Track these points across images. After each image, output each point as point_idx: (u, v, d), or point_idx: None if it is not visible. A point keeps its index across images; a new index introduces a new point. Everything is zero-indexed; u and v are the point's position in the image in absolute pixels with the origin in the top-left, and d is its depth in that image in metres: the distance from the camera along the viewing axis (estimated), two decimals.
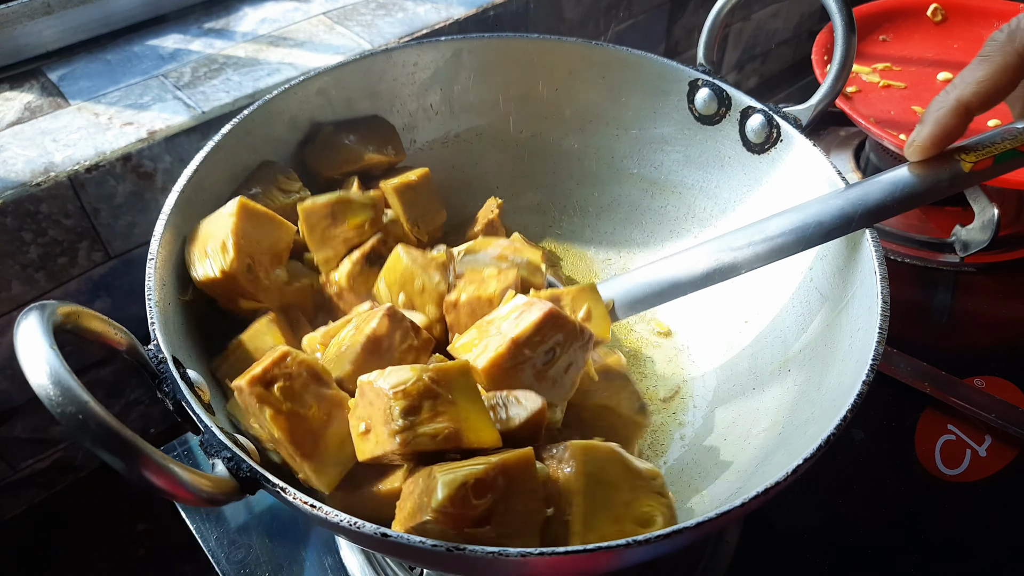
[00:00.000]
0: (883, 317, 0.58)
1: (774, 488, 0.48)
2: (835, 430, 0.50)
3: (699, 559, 0.74)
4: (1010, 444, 0.83)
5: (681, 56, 1.41)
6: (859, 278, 0.64)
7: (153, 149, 0.82)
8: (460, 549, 0.43)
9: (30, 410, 0.86)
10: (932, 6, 1.18)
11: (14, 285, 0.80)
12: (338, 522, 0.44)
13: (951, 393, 0.85)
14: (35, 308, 0.45)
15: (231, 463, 0.47)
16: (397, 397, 0.51)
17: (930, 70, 1.10)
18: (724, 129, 0.80)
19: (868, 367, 0.54)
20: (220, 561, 0.74)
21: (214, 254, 0.62)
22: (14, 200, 0.75)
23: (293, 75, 0.91)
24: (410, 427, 0.51)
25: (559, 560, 0.43)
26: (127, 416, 0.96)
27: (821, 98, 0.73)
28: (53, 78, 0.90)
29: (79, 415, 0.40)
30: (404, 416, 0.50)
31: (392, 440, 0.51)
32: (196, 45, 0.96)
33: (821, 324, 0.68)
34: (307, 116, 0.77)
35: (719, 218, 0.82)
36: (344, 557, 0.74)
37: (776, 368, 0.72)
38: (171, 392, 0.51)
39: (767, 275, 0.77)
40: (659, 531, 0.44)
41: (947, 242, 1.01)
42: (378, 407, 0.52)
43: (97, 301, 0.86)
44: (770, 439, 0.65)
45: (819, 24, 1.64)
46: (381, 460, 0.54)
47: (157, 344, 0.53)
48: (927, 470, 0.82)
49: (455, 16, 1.02)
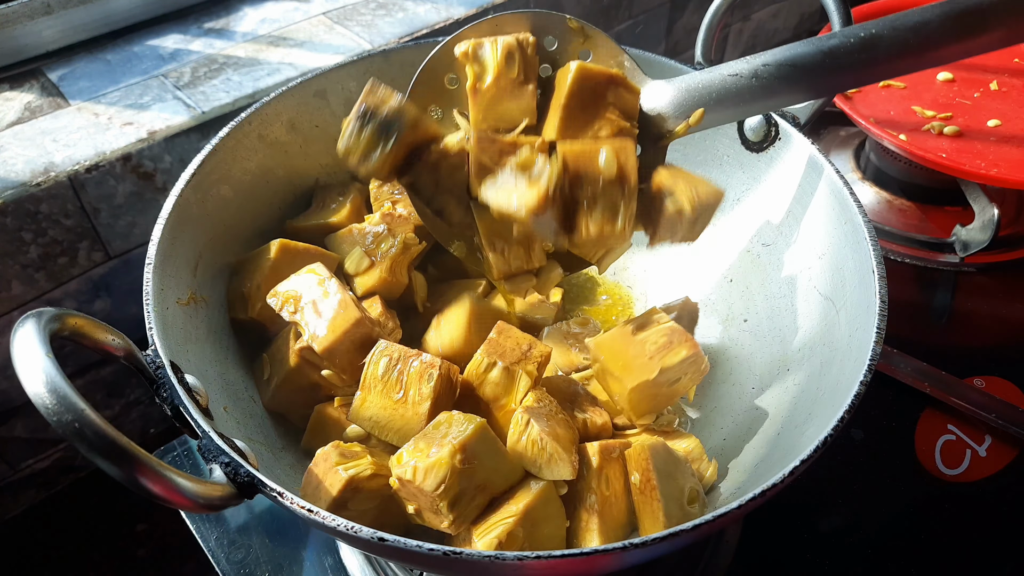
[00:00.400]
0: (881, 317, 0.58)
1: (772, 489, 0.48)
2: (833, 431, 0.50)
3: (699, 559, 0.74)
4: (1010, 444, 0.83)
5: (681, 56, 1.41)
6: (858, 277, 0.64)
7: (153, 149, 0.82)
8: (457, 553, 0.43)
9: (30, 410, 0.86)
10: None
11: (14, 285, 0.80)
12: (335, 526, 0.44)
13: (951, 393, 0.85)
14: (32, 316, 0.45)
15: (229, 468, 0.47)
16: (441, 497, 0.54)
17: (930, 70, 1.10)
18: (723, 128, 0.79)
19: (866, 367, 0.54)
20: (220, 561, 0.74)
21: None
22: (14, 200, 0.75)
23: (293, 75, 0.91)
24: (459, 515, 0.55)
25: (556, 563, 0.43)
26: (127, 416, 0.96)
27: None
28: (53, 78, 0.90)
29: (75, 423, 0.40)
30: (451, 509, 0.54)
31: (447, 526, 0.55)
32: (196, 45, 0.96)
33: (820, 323, 0.68)
34: (307, 117, 0.77)
35: (718, 216, 0.82)
36: (344, 557, 0.74)
37: (775, 367, 0.72)
38: (169, 397, 0.51)
39: (767, 275, 0.77)
40: (656, 534, 0.44)
41: (947, 242, 1.01)
42: (424, 501, 0.55)
43: (97, 301, 0.86)
44: (768, 439, 0.65)
45: (819, 24, 1.64)
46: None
47: (155, 349, 0.53)
48: (927, 470, 0.82)
49: (455, 16, 1.02)
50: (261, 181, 0.74)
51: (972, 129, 1.00)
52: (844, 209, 0.67)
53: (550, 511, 0.58)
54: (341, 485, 0.56)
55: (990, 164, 0.93)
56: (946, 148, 0.96)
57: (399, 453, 0.56)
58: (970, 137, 0.98)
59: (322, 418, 0.66)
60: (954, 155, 0.95)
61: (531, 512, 0.56)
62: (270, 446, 0.64)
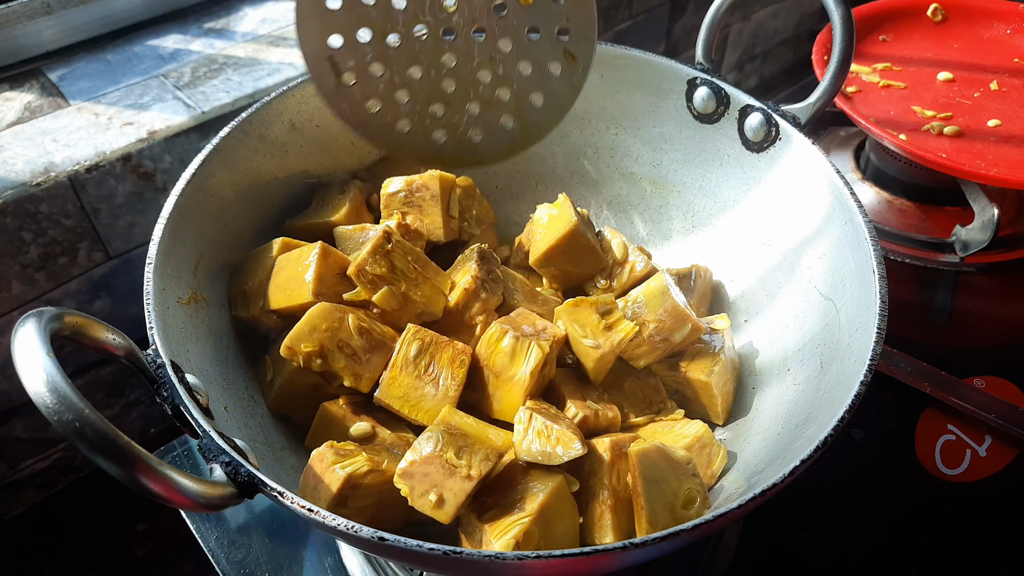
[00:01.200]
0: (881, 317, 0.58)
1: (772, 489, 0.48)
2: (833, 431, 0.50)
3: (699, 559, 0.74)
4: (1010, 444, 0.83)
5: (681, 56, 1.41)
6: (858, 278, 0.64)
7: (153, 149, 0.82)
8: (457, 553, 0.43)
9: (30, 410, 0.86)
10: (932, 6, 1.17)
11: (14, 285, 0.80)
12: (335, 526, 0.44)
13: (951, 393, 0.85)
14: (32, 315, 0.45)
15: (229, 467, 0.47)
16: (444, 450, 0.56)
17: (930, 70, 1.10)
18: (723, 128, 0.79)
19: (866, 367, 0.54)
20: (220, 561, 0.74)
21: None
22: (14, 200, 0.75)
23: (293, 75, 0.91)
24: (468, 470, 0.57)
25: (556, 563, 0.43)
26: (127, 416, 0.96)
27: (820, 96, 0.73)
28: (53, 78, 0.90)
29: (76, 423, 0.40)
30: (458, 458, 0.57)
31: (471, 483, 0.56)
32: (196, 45, 0.96)
33: (820, 324, 0.68)
34: (307, 118, 0.77)
35: (718, 216, 0.82)
36: (344, 557, 0.74)
37: (775, 367, 0.72)
38: (169, 397, 0.51)
39: (767, 275, 0.77)
40: (656, 534, 0.44)
41: (947, 242, 1.01)
42: (436, 471, 0.56)
43: (97, 301, 0.86)
44: (768, 439, 0.65)
45: (819, 24, 1.64)
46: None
47: (156, 349, 0.53)
48: (927, 470, 0.82)
49: None
50: (262, 181, 0.74)
51: (972, 129, 1.00)
52: (845, 209, 0.67)
53: (564, 508, 0.58)
54: (340, 483, 0.56)
55: (990, 164, 0.93)
56: (946, 148, 0.96)
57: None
58: (970, 137, 0.98)
59: (327, 416, 0.66)
60: (954, 155, 0.95)
61: (545, 510, 0.56)
62: (271, 446, 0.64)
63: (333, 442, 0.60)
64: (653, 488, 0.58)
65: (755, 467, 0.63)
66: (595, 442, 0.61)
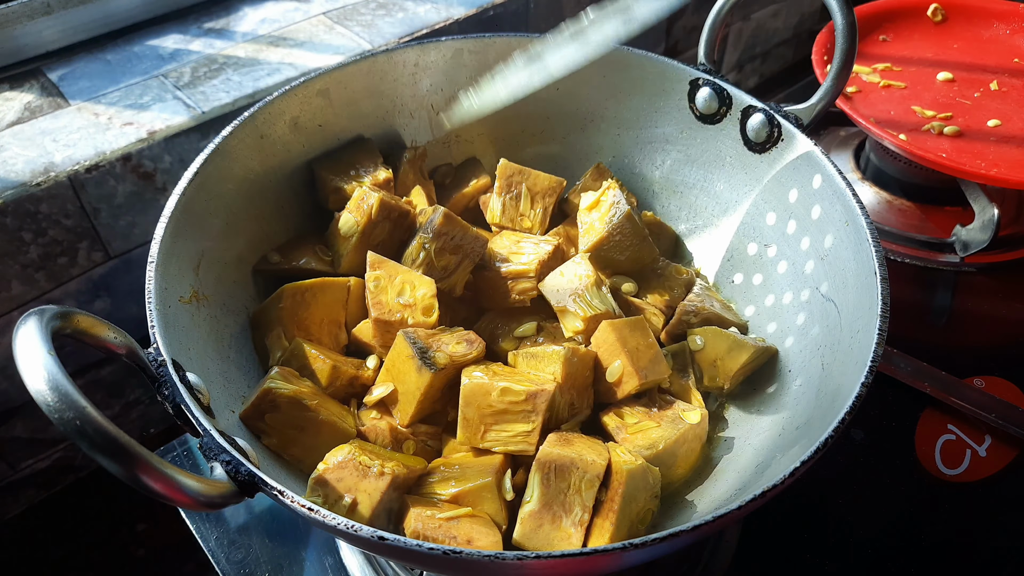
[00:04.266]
0: (883, 318, 0.58)
1: (772, 490, 0.48)
2: (833, 432, 0.50)
3: (699, 559, 0.74)
4: (1010, 444, 0.83)
5: (681, 56, 1.41)
6: (859, 279, 0.64)
7: (153, 149, 0.82)
8: (457, 552, 0.43)
9: (30, 410, 0.86)
10: (932, 6, 1.17)
11: (14, 285, 0.80)
12: (335, 525, 0.44)
13: (951, 393, 0.85)
14: (34, 314, 0.45)
15: (230, 466, 0.47)
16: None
17: (930, 70, 1.10)
18: (725, 128, 0.80)
19: (867, 368, 0.54)
20: (220, 561, 0.74)
21: None
22: (14, 200, 0.75)
23: (293, 75, 0.91)
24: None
25: (556, 563, 0.43)
26: (127, 416, 0.96)
27: (821, 97, 0.73)
28: (53, 78, 0.90)
29: (77, 421, 0.40)
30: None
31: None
32: (196, 45, 0.96)
33: (821, 324, 0.68)
34: (309, 117, 0.77)
35: (720, 217, 0.82)
36: (344, 557, 0.74)
37: (776, 368, 0.72)
38: (170, 395, 0.51)
39: (769, 275, 0.77)
40: (656, 534, 0.44)
41: (947, 242, 1.01)
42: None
43: (97, 301, 0.86)
44: (769, 440, 0.65)
45: (819, 24, 1.64)
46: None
47: (157, 348, 0.53)
48: (927, 470, 0.82)
49: (455, 16, 1.02)
50: (263, 180, 0.74)
51: (972, 129, 1.00)
52: (847, 210, 0.67)
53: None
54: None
55: (990, 164, 0.93)
56: (946, 148, 0.96)
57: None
58: (970, 137, 0.98)
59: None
60: (954, 155, 0.95)
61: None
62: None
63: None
64: (627, 507, 0.59)
65: (755, 468, 0.63)
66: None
